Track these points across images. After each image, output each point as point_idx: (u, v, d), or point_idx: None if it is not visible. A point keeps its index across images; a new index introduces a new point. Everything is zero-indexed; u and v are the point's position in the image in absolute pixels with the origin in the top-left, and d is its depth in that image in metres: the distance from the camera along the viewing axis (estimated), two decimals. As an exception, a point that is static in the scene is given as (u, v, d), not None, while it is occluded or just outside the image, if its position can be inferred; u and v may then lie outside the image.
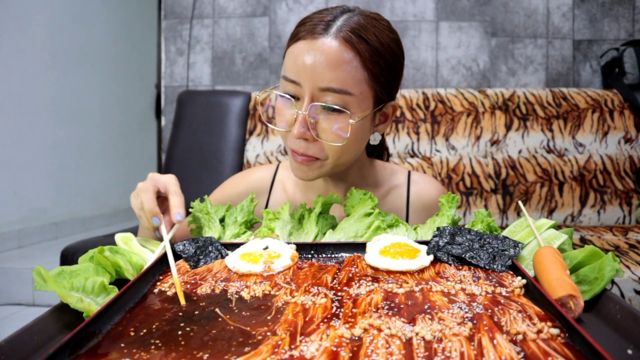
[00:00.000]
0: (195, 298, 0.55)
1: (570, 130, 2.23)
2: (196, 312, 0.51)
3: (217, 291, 0.57)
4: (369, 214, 0.79)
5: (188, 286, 0.59)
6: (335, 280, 0.60)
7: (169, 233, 0.71)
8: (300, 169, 0.86)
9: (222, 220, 0.84)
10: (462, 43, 2.58)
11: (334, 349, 0.42)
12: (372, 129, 0.89)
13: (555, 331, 0.44)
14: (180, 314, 0.50)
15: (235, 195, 1.03)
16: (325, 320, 0.48)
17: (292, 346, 0.42)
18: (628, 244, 1.75)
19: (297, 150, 0.83)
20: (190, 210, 0.85)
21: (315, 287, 0.57)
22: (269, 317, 0.49)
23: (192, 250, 0.69)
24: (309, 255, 0.71)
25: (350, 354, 0.41)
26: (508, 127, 2.24)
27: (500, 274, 0.59)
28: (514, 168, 2.18)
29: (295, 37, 0.82)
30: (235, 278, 0.61)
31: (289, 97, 0.81)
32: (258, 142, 2.28)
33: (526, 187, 2.16)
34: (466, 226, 0.72)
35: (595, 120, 2.23)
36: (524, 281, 0.56)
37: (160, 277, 0.62)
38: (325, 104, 0.79)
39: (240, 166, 2.25)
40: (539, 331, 0.44)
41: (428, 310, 0.49)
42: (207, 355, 0.41)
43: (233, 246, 0.72)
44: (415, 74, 2.60)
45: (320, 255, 0.71)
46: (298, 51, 0.80)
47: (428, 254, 0.65)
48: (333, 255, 0.71)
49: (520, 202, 0.82)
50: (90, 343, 0.45)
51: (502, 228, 0.82)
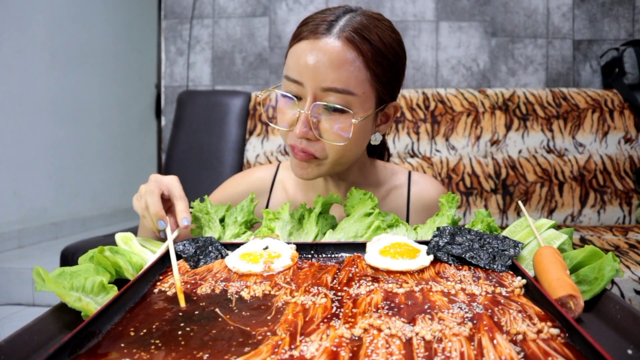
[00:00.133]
0: (195, 298, 0.55)
1: (570, 130, 2.23)
2: (196, 312, 0.51)
3: (217, 291, 0.57)
4: (369, 214, 0.79)
5: (188, 286, 0.59)
6: (335, 280, 0.59)
7: (173, 233, 0.71)
8: (300, 167, 0.85)
9: (222, 220, 0.84)
10: (462, 43, 2.58)
11: (334, 349, 0.42)
12: (374, 129, 0.89)
13: (555, 331, 0.44)
14: (180, 314, 0.50)
15: (236, 195, 1.03)
16: (325, 320, 0.48)
17: (292, 346, 0.42)
18: (628, 244, 1.75)
19: (297, 146, 0.82)
20: (190, 210, 0.85)
21: (315, 287, 0.57)
22: (269, 317, 0.49)
23: (192, 250, 0.69)
24: (309, 255, 0.71)
25: (350, 354, 0.41)
26: (508, 127, 2.24)
27: (500, 274, 0.59)
28: (514, 168, 2.18)
29: (297, 36, 0.82)
30: (235, 278, 0.61)
31: (291, 96, 0.81)
32: (258, 142, 2.28)
33: (526, 187, 2.16)
34: (466, 226, 0.72)
35: (595, 120, 2.23)
36: (524, 281, 0.56)
37: (161, 277, 0.62)
38: (328, 104, 0.79)
39: (240, 166, 2.24)
40: (539, 331, 0.44)
41: (428, 310, 0.49)
42: (207, 355, 0.41)
43: (233, 246, 0.72)
44: (415, 74, 2.60)
45: (320, 255, 0.71)
46: (301, 51, 0.79)
47: (428, 254, 0.65)
48: (333, 255, 0.71)
49: (520, 202, 0.82)
50: (90, 343, 0.45)
51: (502, 228, 0.82)
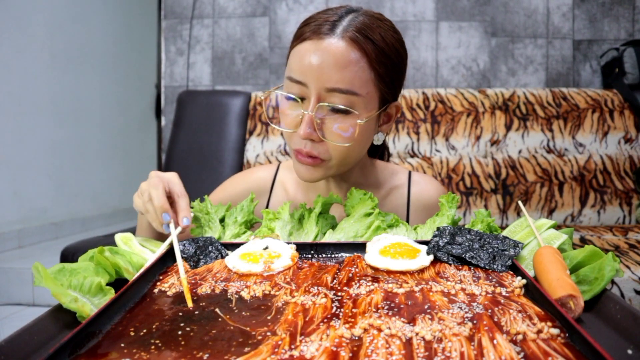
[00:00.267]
0: (195, 298, 0.55)
1: (570, 130, 2.23)
2: (196, 312, 0.51)
3: (217, 291, 0.57)
4: (369, 214, 0.79)
5: (188, 286, 0.59)
6: (335, 280, 0.59)
7: (177, 228, 0.71)
8: (306, 171, 0.85)
9: (222, 220, 0.84)
10: (462, 43, 2.58)
11: (334, 349, 0.42)
12: (376, 129, 0.89)
13: (555, 331, 0.44)
14: (180, 314, 0.50)
15: (236, 195, 1.03)
16: (325, 320, 0.48)
17: (292, 346, 0.42)
18: (628, 244, 1.75)
19: (302, 151, 0.82)
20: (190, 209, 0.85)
21: (315, 287, 0.56)
22: (269, 317, 0.49)
23: (192, 250, 0.69)
24: (309, 255, 0.71)
25: (350, 354, 0.41)
26: (508, 127, 2.24)
27: (500, 274, 0.59)
28: (514, 168, 2.18)
29: (300, 37, 0.81)
30: (235, 278, 0.61)
31: (294, 97, 0.81)
32: (258, 142, 2.28)
33: (526, 187, 2.16)
34: (466, 226, 0.72)
35: (595, 120, 2.23)
36: (524, 281, 0.56)
37: (161, 277, 0.62)
38: (332, 105, 0.78)
39: (240, 166, 2.24)
40: (539, 331, 0.44)
41: (428, 310, 0.49)
42: (207, 355, 0.41)
43: (233, 246, 0.72)
44: (415, 74, 2.60)
45: (320, 255, 0.71)
46: (304, 51, 0.79)
47: (428, 254, 0.65)
48: (333, 255, 0.71)
49: (520, 202, 0.82)
50: (90, 343, 0.45)
51: (502, 228, 0.82)
